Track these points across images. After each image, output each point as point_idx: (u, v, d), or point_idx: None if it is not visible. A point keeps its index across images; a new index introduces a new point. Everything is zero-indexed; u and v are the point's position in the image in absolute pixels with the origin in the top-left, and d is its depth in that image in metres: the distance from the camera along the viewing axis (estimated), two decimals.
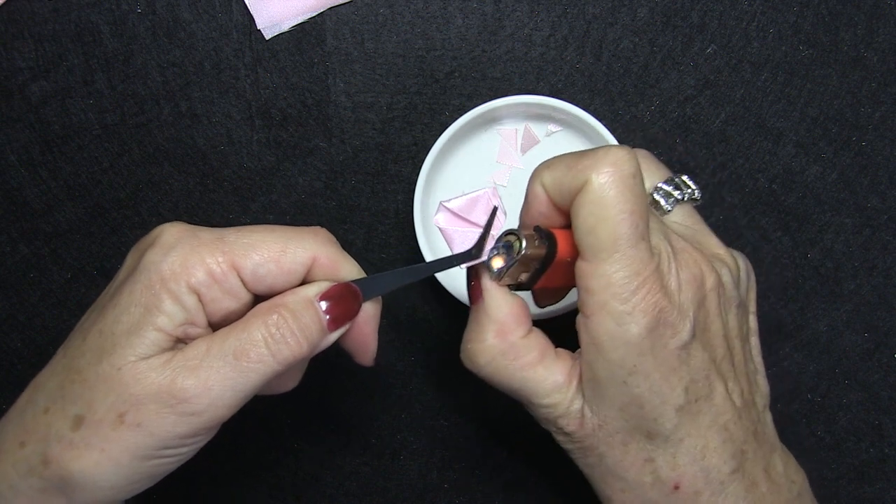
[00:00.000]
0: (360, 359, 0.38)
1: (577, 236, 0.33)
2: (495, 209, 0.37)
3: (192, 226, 0.35)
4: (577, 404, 0.35)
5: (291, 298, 0.34)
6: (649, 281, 0.33)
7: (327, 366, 0.50)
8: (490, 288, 0.36)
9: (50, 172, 0.49)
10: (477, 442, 0.50)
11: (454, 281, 0.46)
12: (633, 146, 0.49)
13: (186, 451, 0.33)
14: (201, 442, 0.33)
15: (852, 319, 0.50)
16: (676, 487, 0.35)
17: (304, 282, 0.35)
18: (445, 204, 0.37)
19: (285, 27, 0.49)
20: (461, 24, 0.49)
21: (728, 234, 0.50)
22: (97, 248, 0.49)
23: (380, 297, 0.37)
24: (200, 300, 0.33)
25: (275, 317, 0.33)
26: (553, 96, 0.46)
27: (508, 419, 0.50)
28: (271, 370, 0.33)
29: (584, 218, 0.33)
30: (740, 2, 0.49)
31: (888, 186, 0.49)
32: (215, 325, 0.34)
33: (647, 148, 0.49)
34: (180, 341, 0.33)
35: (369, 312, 0.36)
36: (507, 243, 0.35)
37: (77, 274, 0.49)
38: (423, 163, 0.46)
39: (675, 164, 0.49)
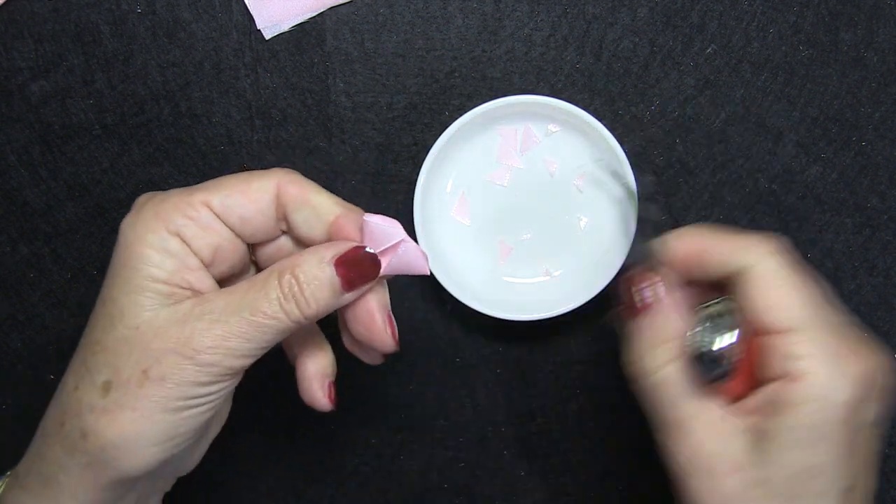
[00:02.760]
0: (379, 344, 0.37)
1: (759, 312, 0.33)
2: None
3: (162, 190, 0.36)
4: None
5: (306, 258, 0.34)
6: (855, 347, 0.33)
7: None
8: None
9: (50, 172, 0.49)
10: (477, 442, 0.50)
11: (453, 279, 0.46)
12: (633, 146, 0.49)
13: (213, 399, 0.34)
14: (224, 391, 0.35)
15: (852, 319, 0.50)
16: None
17: (280, 216, 0.36)
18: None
19: (285, 27, 0.49)
20: (461, 24, 0.49)
21: None
22: (97, 248, 0.49)
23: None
24: (184, 242, 0.34)
25: (287, 276, 0.34)
26: (553, 96, 0.46)
27: (509, 419, 0.50)
28: (285, 326, 0.34)
29: (763, 296, 0.33)
30: (740, 2, 0.49)
31: (888, 186, 0.49)
32: (211, 267, 0.36)
33: (647, 148, 0.49)
34: (184, 290, 0.34)
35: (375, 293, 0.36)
36: (713, 315, 0.32)
37: (77, 274, 0.49)
38: (423, 163, 0.46)
39: (675, 164, 0.49)
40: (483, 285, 0.48)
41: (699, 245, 0.35)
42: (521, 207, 0.48)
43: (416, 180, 0.46)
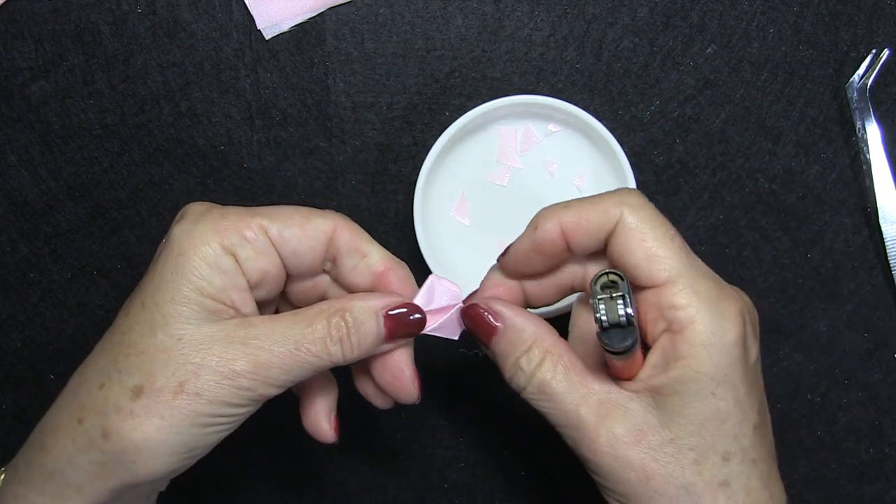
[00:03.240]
0: (404, 395, 0.38)
1: (635, 267, 0.34)
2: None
3: (216, 204, 0.37)
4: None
5: (359, 304, 0.35)
6: (726, 289, 0.34)
7: None
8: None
9: (50, 172, 0.49)
10: (477, 442, 0.50)
11: (454, 278, 0.46)
12: (633, 146, 0.49)
13: (237, 420, 0.35)
14: (250, 412, 0.36)
15: (852, 319, 0.50)
16: None
17: (329, 257, 0.37)
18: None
19: (285, 27, 0.49)
20: (461, 24, 0.49)
21: (728, 234, 0.50)
22: (97, 248, 0.49)
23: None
24: (237, 262, 0.35)
25: (337, 319, 0.35)
26: (553, 96, 0.46)
27: (509, 419, 0.50)
28: (324, 365, 0.35)
29: (637, 249, 0.34)
30: (740, 2, 0.49)
31: None
32: (255, 289, 0.36)
33: (647, 148, 0.49)
34: (228, 308, 0.35)
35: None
36: (607, 284, 0.32)
37: (77, 274, 0.49)
38: (423, 163, 0.46)
39: (675, 164, 0.49)
40: None
41: (570, 220, 0.35)
42: (521, 207, 0.48)
43: (416, 180, 0.46)
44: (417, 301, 0.37)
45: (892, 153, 0.49)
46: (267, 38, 0.49)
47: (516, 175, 0.48)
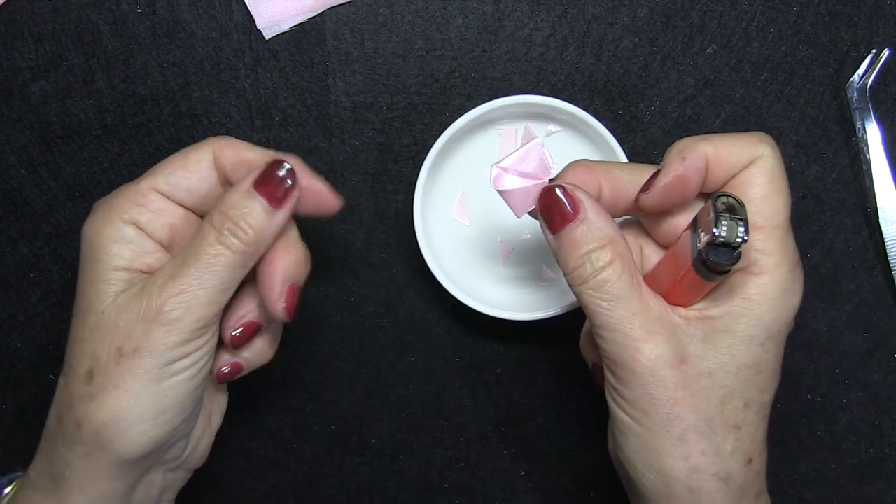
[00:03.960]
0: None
1: (753, 200, 0.35)
2: None
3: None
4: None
5: (230, 192, 0.36)
6: (801, 266, 0.36)
7: (328, 366, 0.50)
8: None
9: (50, 172, 0.49)
10: (477, 442, 0.50)
11: (453, 279, 0.46)
12: (633, 146, 0.49)
13: (193, 362, 0.35)
14: (202, 352, 0.36)
15: (852, 319, 0.50)
16: (750, 461, 0.35)
17: (222, 180, 0.38)
18: (498, 165, 0.37)
19: (285, 27, 0.49)
20: (461, 24, 0.49)
21: None
22: None
23: None
24: (139, 227, 0.36)
25: (216, 214, 0.35)
26: (553, 96, 0.46)
27: (509, 419, 0.50)
28: (231, 260, 0.35)
29: (763, 185, 0.35)
30: (740, 2, 0.49)
31: None
32: (172, 248, 0.37)
33: (647, 148, 0.49)
34: (145, 273, 0.36)
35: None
36: (728, 207, 0.33)
37: (77, 274, 0.49)
38: (423, 163, 0.46)
39: None
40: (483, 285, 0.48)
41: (714, 153, 0.35)
42: None
43: (416, 180, 0.46)
44: (512, 158, 0.36)
45: (892, 153, 0.49)
46: (267, 38, 0.49)
47: None
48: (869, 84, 0.48)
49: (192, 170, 0.37)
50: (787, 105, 0.49)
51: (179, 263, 0.35)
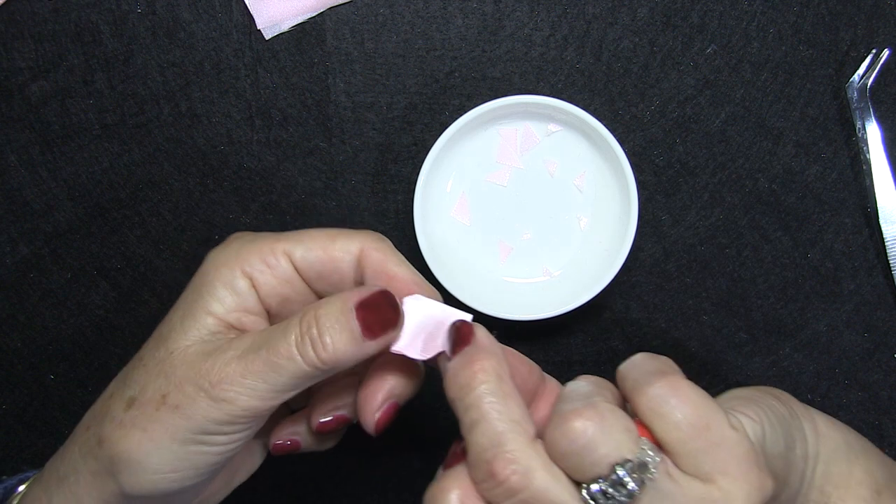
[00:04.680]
0: (362, 421, 0.36)
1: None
2: None
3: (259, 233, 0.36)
4: None
5: (327, 300, 0.33)
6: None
7: None
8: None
9: (50, 172, 0.49)
10: None
11: (453, 279, 0.46)
12: (633, 146, 0.49)
13: (225, 442, 0.33)
14: (240, 435, 0.34)
15: (852, 319, 0.50)
16: None
17: (358, 278, 0.36)
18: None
19: (285, 27, 0.49)
20: (461, 24, 0.49)
21: (728, 234, 0.50)
22: (97, 248, 0.49)
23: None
24: (254, 286, 0.34)
25: (309, 317, 0.33)
26: (553, 96, 0.46)
27: None
28: (300, 370, 0.32)
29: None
30: (740, 2, 0.49)
31: None
32: (275, 316, 0.35)
33: (647, 148, 0.49)
34: (236, 329, 0.34)
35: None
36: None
37: (77, 274, 0.49)
38: (423, 163, 0.46)
39: (675, 164, 0.49)
40: (483, 285, 0.48)
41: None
42: (521, 207, 0.48)
43: (416, 180, 0.46)
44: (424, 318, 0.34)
45: (892, 153, 0.49)
46: (267, 38, 0.49)
47: (516, 175, 0.48)
48: (869, 84, 0.48)
49: (333, 257, 0.35)
50: (787, 105, 0.49)
51: (256, 346, 0.33)
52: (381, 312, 0.33)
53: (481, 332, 0.34)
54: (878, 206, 0.48)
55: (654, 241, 0.50)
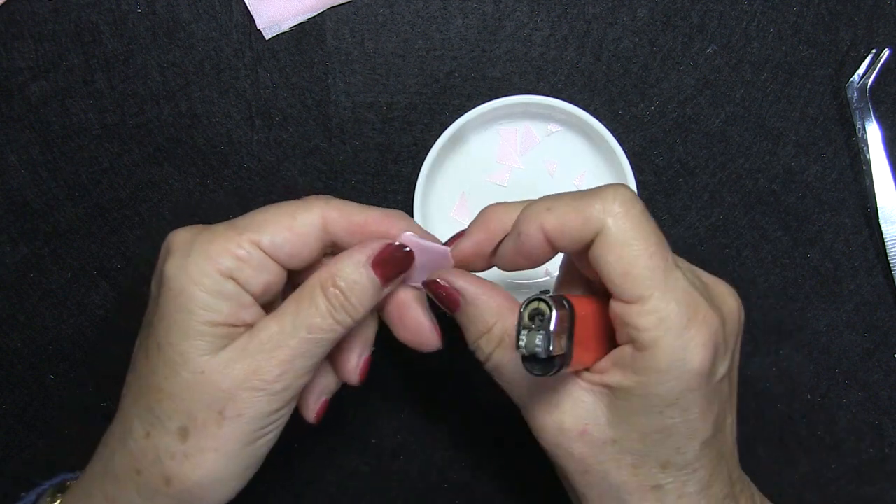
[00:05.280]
0: (425, 346, 0.39)
1: (609, 281, 0.33)
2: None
3: (199, 225, 0.36)
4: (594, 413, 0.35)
5: (345, 266, 0.36)
6: (701, 312, 0.33)
7: None
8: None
9: (50, 172, 0.49)
10: (477, 442, 0.50)
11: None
12: (633, 146, 0.49)
13: (281, 422, 0.36)
14: (292, 409, 0.36)
15: (852, 319, 0.50)
16: None
17: (326, 244, 0.37)
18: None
19: (285, 27, 0.49)
20: (461, 24, 0.49)
21: (728, 234, 0.50)
22: (97, 248, 0.49)
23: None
24: (237, 283, 0.35)
25: (332, 290, 0.35)
26: (553, 96, 0.46)
27: (508, 419, 0.50)
28: (340, 334, 0.36)
29: (614, 263, 0.32)
30: (740, 2, 0.49)
31: None
32: (260, 299, 0.36)
33: (647, 148, 0.49)
34: (239, 327, 0.35)
35: (409, 295, 0.39)
36: (537, 312, 0.31)
37: (77, 274, 0.49)
38: (423, 163, 0.46)
39: (675, 164, 0.49)
40: None
41: (552, 225, 0.34)
42: None
43: (416, 180, 0.46)
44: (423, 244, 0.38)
45: (892, 153, 0.49)
46: (267, 38, 0.49)
47: (516, 175, 0.48)
48: (869, 84, 0.48)
49: (299, 234, 0.36)
50: (787, 105, 0.49)
51: (287, 332, 0.34)
52: (398, 262, 0.37)
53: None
54: (878, 206, 0.48)
55: None
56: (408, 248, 0.37)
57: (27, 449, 0.50)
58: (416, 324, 0.38)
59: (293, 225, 0.36)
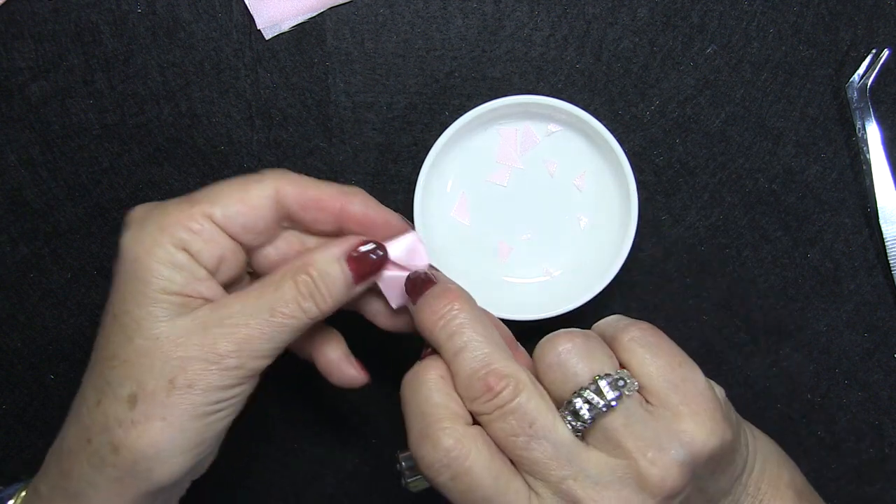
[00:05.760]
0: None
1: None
2: None
3: (156, 201, 0.37)
4: None
5: (319, 256, 0.36)
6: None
7: None
8: None
9: (50, 172, 0.49)
10: None
11: (453, 279, 0.46)
12: (633, 146, 0.49)
13: (235, 402, 0.36)
14: (247, 392, 0.36)
15: (852, 319, 0.50)
16: None
17: (281, 217, 0.37)
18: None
19: (285, 27, 0.49)
20: (461, 24, 0.49)
21: (728, 234, 0.50)
22: (97, 248, 0.49)
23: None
24: (191, 255, 0.35)
25: (303, 276, 0.35)
26: (553, 96, 0.46)
27: None
28: (303, 323, 0.35)
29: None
30: (740, 2, 0.49)
31: None
32: (218, 275, 0.36)
33: (647, 148, 0.49)
34: (196, 298, 0.35)
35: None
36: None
37: (77, 274, 0.49)
38: (423, 163, 0.46)
39: (675, 164, 0.49)
40: (483, 285, 0.48)
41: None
42: (521, 207, 0.48)
43: (416, 180, 0.46)
44: (392, 251, 0.38)
45: (892, 153, 0.49)
46: (267, 38, 0.49)
47: (516, 175, 0.48)
48: (869, 84, 0.48)
49: (252, 207, 0.36)
50: (787, 105, 0.49)
51: (250, 311, 0.34)
52: (372, 262, 0.37)
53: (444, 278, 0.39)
54: (878, 206, 0.48)
55: (654, 241, 0.50)
56: (382, 253, 0.37)
57: (27, 449, 0.50)
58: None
59: (246, 198, 0.36)
